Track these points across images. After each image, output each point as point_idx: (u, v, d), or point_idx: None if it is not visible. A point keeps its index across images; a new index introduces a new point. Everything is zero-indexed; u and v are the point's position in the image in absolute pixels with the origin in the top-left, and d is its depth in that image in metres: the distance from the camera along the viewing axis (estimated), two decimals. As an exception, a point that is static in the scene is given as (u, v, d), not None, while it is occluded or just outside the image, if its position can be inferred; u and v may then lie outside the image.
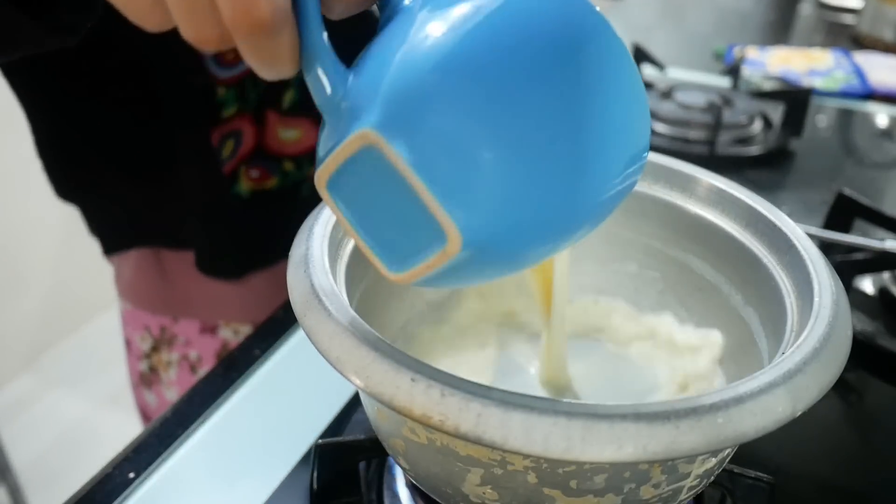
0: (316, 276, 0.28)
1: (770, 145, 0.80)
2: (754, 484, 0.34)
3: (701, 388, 0.37)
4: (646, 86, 0.57)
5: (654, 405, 0.23)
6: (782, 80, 1.00)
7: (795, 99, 0.84)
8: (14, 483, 1.28)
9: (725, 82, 0.98)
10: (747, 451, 0.33)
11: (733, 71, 0.97)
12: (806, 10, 1.48)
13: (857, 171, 0.83)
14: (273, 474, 0.38)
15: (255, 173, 0.61)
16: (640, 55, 0.96)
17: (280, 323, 0.49)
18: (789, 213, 0.35)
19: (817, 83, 1.00)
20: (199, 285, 0.64)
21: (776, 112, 0.85)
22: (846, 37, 1.29)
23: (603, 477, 0.26)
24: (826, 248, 0.52)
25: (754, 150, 0.79)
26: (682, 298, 0.40)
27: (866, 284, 0.54)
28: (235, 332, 0.66)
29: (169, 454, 0.39)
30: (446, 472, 0.28)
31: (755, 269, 0.34)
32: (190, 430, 0.41)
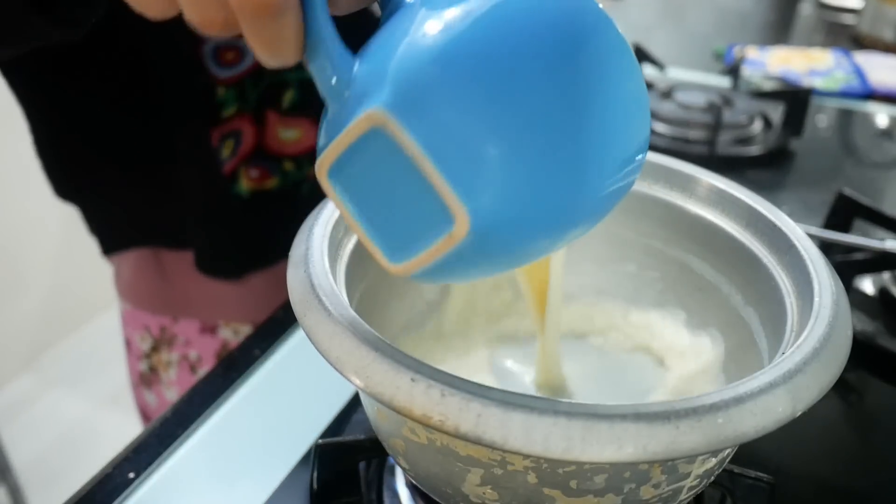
0: (316, 276, 0.28)
1: (770, 145, 0.80)
2: (754, 484, 0.34)
3: (701, 389, 0.37)
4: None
5: (654, 405, 0.23)
6: (782, 80, 1.00)
7: (795, 99, 0.84)
8: (14, 483, 1.28)
9: (725, 82, 0.98)
10: (747, 451, 0.33)
11: (733, 71, 0.97)
12: (806, 10, 1.48)
13: (857, 171, 0.83)
14: (273, 474, 0.38)
15: (254, 173, 0.61)
16: (640, 55, 0.96)
17: (280, 323, 0.49)
18: (789, 213, 0.35)
19: (817, 83, 1.00)
20: (199, 285, 0.63)
21: (776, 112, 0.85)
22: (846, 37, 1.29)
23: (603, 477, 0.26)
24: (826, 248, 0.52)
25: (754, 150, 0.79)
26: (682, 298, 0.40)
27: (866, 284, 0.54)
28: (235, 332, 0.66)
29: (169, 454, 0.39)
30: (446, 472, 0.28)
31: (755, 269, 0.34)
32: (190, 430, 0.41)
